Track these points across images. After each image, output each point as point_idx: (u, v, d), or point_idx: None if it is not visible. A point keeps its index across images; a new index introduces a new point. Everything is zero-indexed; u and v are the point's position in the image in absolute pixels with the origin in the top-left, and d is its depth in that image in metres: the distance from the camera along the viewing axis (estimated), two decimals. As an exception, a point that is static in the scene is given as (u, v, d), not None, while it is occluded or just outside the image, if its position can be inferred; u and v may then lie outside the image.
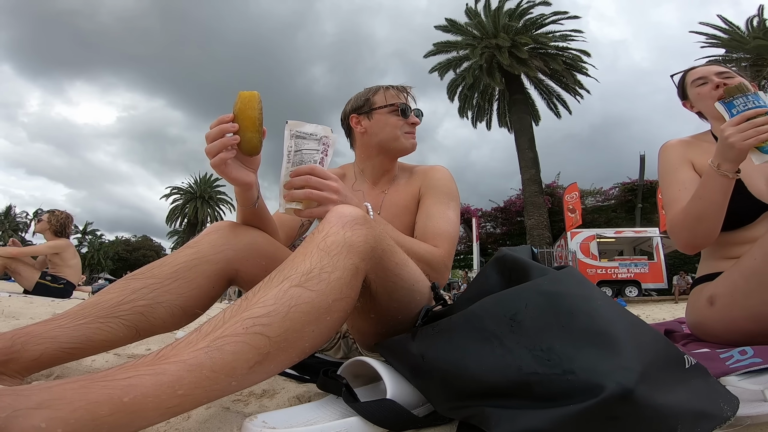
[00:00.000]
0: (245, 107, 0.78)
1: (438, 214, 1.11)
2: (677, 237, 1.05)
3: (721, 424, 0.53)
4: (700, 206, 0.97)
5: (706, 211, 0.96)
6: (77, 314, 0.75)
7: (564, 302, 0.58)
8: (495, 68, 16.11)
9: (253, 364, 0.53)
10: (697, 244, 1.03)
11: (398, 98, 1.21)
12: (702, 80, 1.18)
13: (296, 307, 0.56)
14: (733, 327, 0.92)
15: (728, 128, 0.91)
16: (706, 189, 0.96)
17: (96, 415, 0.44)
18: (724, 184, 0.93)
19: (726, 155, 0.91)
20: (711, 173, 0.94)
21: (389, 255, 0.72)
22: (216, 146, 0.77)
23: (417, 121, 1.22)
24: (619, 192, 19.85)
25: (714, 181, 0.94)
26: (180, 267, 0.82)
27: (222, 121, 0.78)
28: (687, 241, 1.03)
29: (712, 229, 0.98)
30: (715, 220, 0.97)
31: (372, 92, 1.24)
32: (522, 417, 0.51)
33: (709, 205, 0.95)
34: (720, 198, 0.94)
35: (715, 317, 0.96)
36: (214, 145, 0.77)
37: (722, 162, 0.92)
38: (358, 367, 0.77)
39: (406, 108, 1.19)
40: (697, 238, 1.01)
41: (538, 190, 15.88)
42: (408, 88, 1.25)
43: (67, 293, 3.64)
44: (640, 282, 11.92)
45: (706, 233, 0.99)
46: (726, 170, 0.92)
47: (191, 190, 32.81)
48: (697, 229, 1.00)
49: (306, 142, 0.81)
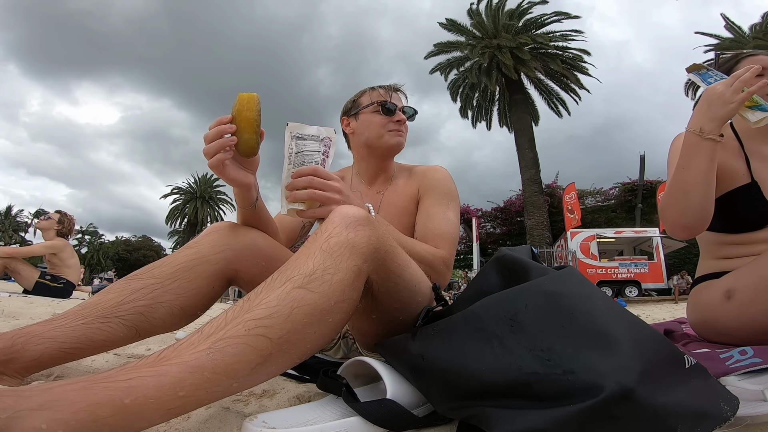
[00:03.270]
0: (243, 109, 0.78)
1: (438, 215, 1.10)
2: (666, 217, 1.00)
3: (721, 424, 0.53)
4: (686, 177, 0.93)
5: (693, 180, 0.92)
6: (77, 314, 0.75)
7: (564, 302, 0.58)
8: (495, 68, 16.12)
9: (254, 365, 0.53)
10: (687, 223, 0.95)
11: (383, 97, 1.20)
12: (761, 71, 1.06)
13: (298, 309, 0.56)
14: (750, 322, 0.89)
15: (719, 85, 0.89)
16: (691, 157, 0.92)
17: (97, 417, 0.44)
18: (710, 148, 0.90)
19: (715, 113, 0.89)
20: (694, 140, 0.91)
21: (392, 256, 0.72)
22: (213, 147, 0.77)
23: (402, 117, 1.20)
24: (619, 192, 19.85)
25: (698, 147, 0.91)
26: (180, 267, 0.82)
27: (220, 122, 0.78)
28: (676, 219, 0.96)
29: (701, 203, 0.92)
30: (704, 193, 0.92)
31: (360, 94, 1.25)
32: (522, 417, 0.51)
33: (696, 173, 0.91)
34: (706, 164, 0.91)
35: (731, 313, 0.93)
36: (212, 146, 0.77)
37: (707, 122, 0.90)
38: (358, 367, 0.78)
39: (389, 105, 1.19)
40: (685, 215, 0.94)
41: (538, 190, 15.88)
42: (396, 86, 1.24)
43: (67, 293, 3.64)
44: (640, 282, 11.91)
45: (696, 209, 0.93)
46: (709, 132, 0.89)
47: (191, 190, 32.80)
48: (685, 204, 0.94)
49: (307, 143, 0.81)
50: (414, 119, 1.26)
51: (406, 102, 1.26)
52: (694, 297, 1.08)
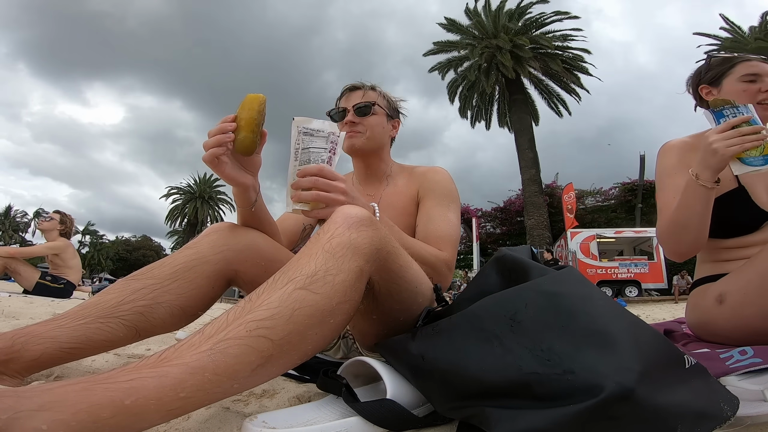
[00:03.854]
0: (244, 108, 0.80)
1: (438, 217, 1.10)
2: (664, 244, 1.05)
3: (721, 424, 0.53)
4: (684, 215, 0.96)
5: (690, 220, 0.95)
6: (77, 314, 0.75)
7: (564, 302, 0.58)
8: (495, 68, 16.12)
9: (255, 366, 0.53)
10: (682, 251, 1.02)
11: (336, 104, 1.23)
12: (754, 77, 1.07)
13: (300, 310, 0.56)
14: (743, 325, 0.91)
15: (713, 135, 0.91)
16: (686, 198, 0.95)
17: (97, 418, 0.44)
18: (704, 194, 0.92)
19: (708, 162, 0.90)
20: (691, 183, 0.94)
21: (393, 257, 0.71)
22: (210, 142, 0.79)
23: (348, 119, 1.18)
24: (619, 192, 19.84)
25: (694, 191, 0.93)
26: (179, 267, 0.82)
27: (225, 120, 0.80)
28: (673, 248, 1.03)
29: (696, 237, 0.97)
30: (699, 230, 0.96)
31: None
32: (522, 417, 0.51)
33: (692, 214, 0.95)
34: (701, 208, 0.94)
35: (724, 315, 0.95)
36: (209, 141, 0.79)
37: (702, 170, 0.92)
38: (358, 367, 0.77)
39: (331, 113, 1.23)
40: (681, 246, 1.01)
41: (538, 190, 15.88)
42: (348, 86, 1.25)
43: (67, 293, 3.64)
44: (640, 282, 11.91)
45: (691, 242, 0.98)
46: (704, 180, 0.91)
47: (191, 189, 32.80)
48: (682, 238, 0.99)
49: (314, 140, 0.81)
50: (369, 110, 1.20)
51: (362, 96, 1.22)
52: (692, 300, 1.09)
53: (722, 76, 1.12)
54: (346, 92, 1.23)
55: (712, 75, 1.15)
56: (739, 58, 1.11)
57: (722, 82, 1.12)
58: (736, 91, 1.08)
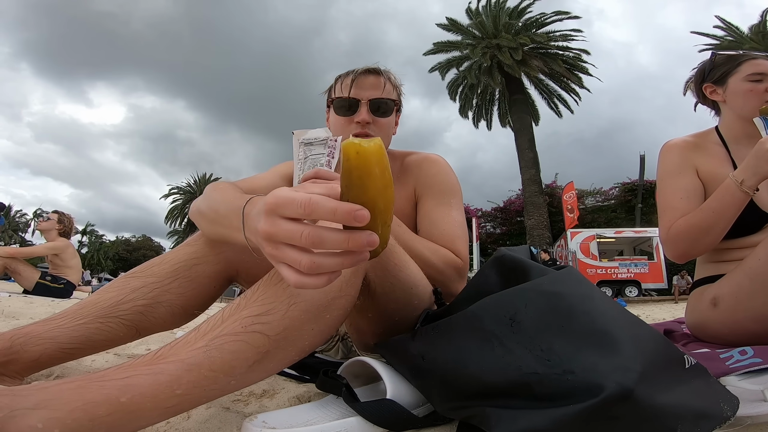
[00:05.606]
0: (367, 177, 0.39)
1: (441, 219, 0.99)
2: (675, 247, 1.02)
3: (721, 424, 0.53)
4: (710, 219, 0.95)
5: (717, 224, 0.94)
6: (76, 314, 0.75)
7: (564, 302, 0.58)
8: (495, 68, 16.12)
9: (252, 362, 0.52)
10: (693, 254, 1.01)
11: (340, 91, 0.97)
12: (760, 76, 1.05)
13: (295, 305, 0.55)
14: (737, 328, 0.91)
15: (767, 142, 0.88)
16: (721, 202, 0.93)
17: (93, 415, 0.44)
18: (742, 200, 0.91)
19: (761, 168, 0.88)
20: (730, 188, 0.92)
21: (388, 254, 0.71)
22: (330, 263, 0.41)
23: (363, 117, 0.95)
24: (619, 192, 19.85)
25: (732, 196, 0.92)
26: (180, 266, 0.81)
27: (355, 216, 0.38)
28: (685, 251, 1.01)
29: (714, 241, 0.97)
30: (721, 234, 0.96)
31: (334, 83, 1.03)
32: (522, 417, 0.51)
33: (720, 219, 0.94)
34: (732, 213, 0.93)
35: (718, 319, 0.95)
36: (329, 261, 0.41)
37: (750, 177, 0.89)
38: (358, 367, 0.77)
39: (341, 103, 0.96)
40: (696, 249, 1.00)
41: (538, 190, 15.88)
42: (356, 72, 0.97)
43: (67, 293, 3.64)
44: (640, 282, 11.92)
45: (706, 246, 0.98)
46: (749, 186, 0.90)
47: (191, 189, 32.78)
48: (699, 242, 0.97)
49: (313, 147, 0.82)
50: (390, 112, 0.99)
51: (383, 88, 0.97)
52: (691, 301, 1.09)
53: (727, 75, 1.11)
54: (358, 76, 0.97)
55: (716, 74, 1.13)
56: (745, 57, 1.10)
57: (727, 81, 1.10)
58: (742, 90, 1.07)
